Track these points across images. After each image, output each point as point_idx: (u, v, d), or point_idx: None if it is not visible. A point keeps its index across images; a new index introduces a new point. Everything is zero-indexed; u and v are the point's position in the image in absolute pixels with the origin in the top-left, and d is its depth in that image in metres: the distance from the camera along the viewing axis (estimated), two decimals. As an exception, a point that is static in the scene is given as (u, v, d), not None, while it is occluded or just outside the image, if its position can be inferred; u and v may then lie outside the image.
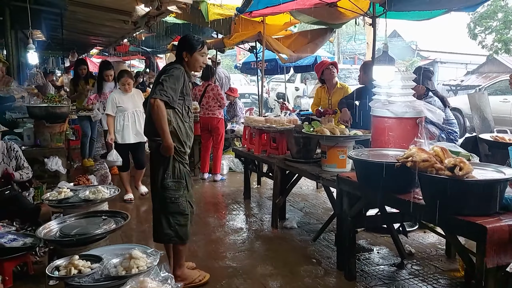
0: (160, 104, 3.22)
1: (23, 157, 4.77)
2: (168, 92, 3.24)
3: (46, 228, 3.54)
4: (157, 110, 3.22)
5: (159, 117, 3.24)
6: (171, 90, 3.27)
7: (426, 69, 5.15)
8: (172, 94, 3.27)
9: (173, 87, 3.28)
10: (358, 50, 29.31)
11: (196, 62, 3.49)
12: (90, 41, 16.40)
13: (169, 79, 3.30)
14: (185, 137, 3.47)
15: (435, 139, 4.52)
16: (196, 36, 3.57)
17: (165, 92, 3.23)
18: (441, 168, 2.59)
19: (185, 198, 3.46)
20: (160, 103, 3.22)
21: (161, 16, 7.50)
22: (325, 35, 8.07)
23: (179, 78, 3.34)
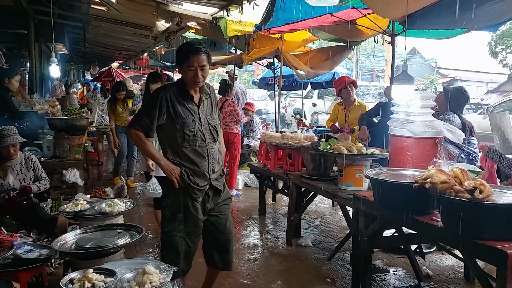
0: (135, 133, 2.99)
1: (41, 168, 4.83)
2: (141, 121, 2.98)
3: (62, 240, 3.56)
4: (135, 140, 3.05)
5: (140, 146, 3.09)
6: (146, 117, 2.97)
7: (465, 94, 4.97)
8: (147, 121, 2.96)
9: (149, 115, 2.96)
10: (377, 66, 29.25)
11: (186, 77, 3.00)
12: (111, 55, 16.67)
13: (145, 105, 3.10)
14: (190, 163, 3.03)
15: (455, 159, 4.45)
16: (190, 44, 3.06)
17: (138, 120, 2.99)
18: (460, 190, 2.53)
19: (179, 234, 3.05)
20: (136, 132, 2.98)
21: (181, 31, 7.61)
22: (343, 52, 8.08)
23: (156, 104, 2.95)
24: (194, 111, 3.04)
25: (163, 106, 2.95)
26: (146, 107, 3.04)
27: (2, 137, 4.42)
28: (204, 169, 3.06)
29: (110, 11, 6.99)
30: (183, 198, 3.04)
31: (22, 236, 3.91)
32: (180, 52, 3.01)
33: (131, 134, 3.03)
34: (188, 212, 3.05)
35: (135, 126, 2.98)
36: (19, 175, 4.57)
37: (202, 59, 2.94)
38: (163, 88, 3.11)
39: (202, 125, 3.06)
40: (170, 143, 3.04)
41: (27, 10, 7.37)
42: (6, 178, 4.48)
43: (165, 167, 3.00)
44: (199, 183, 3.04)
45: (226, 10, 5.71)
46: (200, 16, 6.21)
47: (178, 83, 3.12)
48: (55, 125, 5.82)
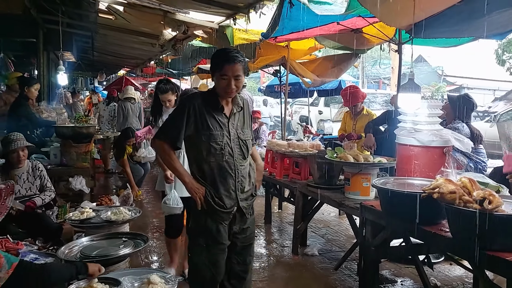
0: (160, 144, 2.81)
1: (47, 177, 4.83)
2: (167, 131, 2.80)
3: (67, 249, 3.57)
4: (160, 152, 2.87)
5: (164, 158, 2.86)
6: (173, 128, 2.77)
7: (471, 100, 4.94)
8: (174, 133, 2.76)
9: (176, 125, 2.77)
10: (383, 74, 29.20)
11: (218, 87, 2.79)
12: (119, 63, 16.77)
13: (172, 117, 2.85)
14: (213, 181, 2.78)
15: (463, 168, 4.41)
16: (227, 51, 2.83)
17: (164, 131, 2.83)
18: (469, 201, 2.50)
19: (203, 260, 2.78)
20: (161, 144, 2.80)
21: (188, 39, 7.64)
22: (349, 60, 8.06)
23: (183, 114, 2.76)
24: (223, 123, 2.81)
25: (191, 115, 2.75)
26: (172, 117, 2.83)
27: (9, 141, 4.46)
28: (231, 188, 2.80)
29: (118, 20, 7.04)
30: (206, 221, 2.78)
31: (28, 244, 3.93)
32: (215, 59, 2.81)
33: (156, 145, 2.86)
34: (211, 237, 2.78)
35: (161, 137, 2.81)
36: (25, 183, 4.58)
37: (237, 69, 2.72)
38: (192, 96, 2.91)
39: (231, 139, 2.81)
40: (195, 156, 2.82)
41: (36, 19, 7.43)
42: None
43: (189, 185, 2.75)
44: (225, 204, 2.77)
45: (233, 18, 5.73)
46: (207, 24, 6.23)
47: (210, 92, 2.91)
48: (62, 133, 5.85)
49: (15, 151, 4.47)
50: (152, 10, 5.92)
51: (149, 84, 22.07)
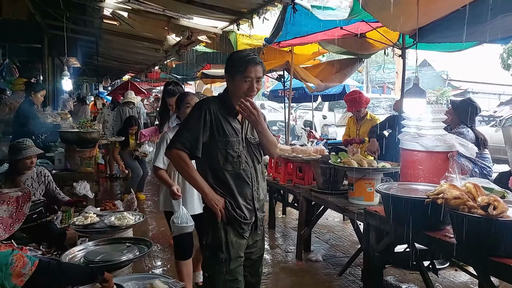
0: (177, 154, 2.58)
1: (54, 183, 4.83)
2: (183, 138, 2.58)
3: (71, 254, 3.54)
4: (177, 162, 2.62)
5: (182, 169, 2.63)
6: (190, 135, 2.58)
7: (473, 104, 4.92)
8: (191, 139, 2.58)
9: (192, 131, 2.59)
10: (387, 79, 29.17)
11: (237, 90, 2.62)
12: (123, 68, 16.85)
13: (187, 122, 2.67)
14: (231, 191, 2.63)
15: (468, 173, 4.38)
16: (246, 52, 2.73)
17: (180, 138, 2.59)
18: (473, 206, 2.49)
19: (223, 277, 2.60)
20: (178, 153, 2.57)
21: (192, 45, 7.68)
22: (353, 65, 8.06)
23: (200, 119, 2.59)
24: (238, 129, 2.68)
25: (207, 120, 2.60)
26: (188, 123, 2.64)
27: (18, 150, 4.43)
28: (248, 197, 2.67)
29: (122, 25, 7.07)
30: (226, 234, 2.62)
31: (32, 249, 3.91)
32: (235, 60, 2.65)
33: (172, 155, 2.60)
34: (232, 251, 2.62)
35: (177, 146, 2.57)
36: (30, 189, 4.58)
37: (259, 70, 2.61)
38: (206, 100, 2.76)
39: (246, 146, 2.69)
40: (211, 165, 2.63)
41: (41, 24, 7.49)
42: None
43: (209, 197, 2.57)
44: (245, 215, 2.65)
45: (236, 24, 5.75)
46: (210, 30, 6.26)
47: (223, 96, 2.76)
48: (66, 138, 5.86)
49: (29, 157, 4.46)
50: (156, 15, 5.96)
51: (153, 89, 22.15)
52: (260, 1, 4.74)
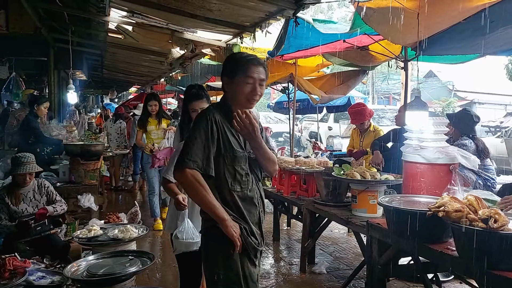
0: (192, 175, 2.19)
1: (54, 192, 4.84)
2: (194, 155, 2.21)
3: (74, 267, 3.56)
4: (190, 184, 2.21)
5: (198, 192, 2.21)
6: (200, 151, 2.22)
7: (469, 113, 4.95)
8: (202, 156, 2.22)
9: (202, 147, 2.23)
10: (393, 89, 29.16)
11: (239, 93, 2.33)
12: (129, 80, 16.98)
13: (192, 136, 2.27)
14: (241, 214, 2.32)
15: (470, 186, 4.36)
16: (245, 53, 2.48)
17: (191, 156, 2.20)
18: (474, 219, 2.48)
19: None
20: (192, 173, 2.19)
21: (196, 58, 7.74)
22: (357, 77, 8.09)
23: (206, 129, 2.25)
24: (242, 143, 2.37)
25: (214, 133, 2.27)
26: (195, 136, 2.25)
27: (19, 164, 4.46)
28: (255, 221, 2.39)
29: (127, 39, 7.15)
30: (243, 267, 2.31)
31: (35, 262, 3.94)
32: (235, 61, 2.39)
33: (185, 177, 2.19)
34: (251, 285, 2.33)
35: (189, 164, 2.19)
36: (32, 201, 4.61)
37: (262, 72, 2.34)
38: (209, 108, 2.42)
39: (252, 161, 2.40)
40: (218, 185, 2.29)
41: (47, 38, 7.59)
42: (19, 205, 4.51)
43: (229, 224, 2.22)
44: (258, 241, 2.38)
45: (240, 37, 5.80)
46: (214, 43, 6.32)
47: (222, 104, 2.43)
48: (70, 151, 5.91)
49: (23, 174, 4.50)
50: (160, 29, 6.03)
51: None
52: (262, 15, 4.79)
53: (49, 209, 4.58)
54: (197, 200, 2.28)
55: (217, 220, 2.23)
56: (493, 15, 3.66)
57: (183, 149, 2.27)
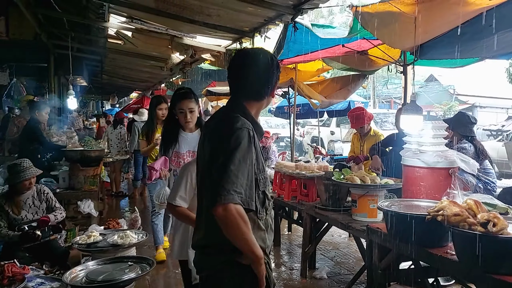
0: (238, 211, 1.78)
1: (54, 198, 4.84)
2: (239, 185, 1.80)
3: (73, 273, 3.54)
4: (235, 222, 1.78)
5: (237, 229, 1.80)
6: (243, 178, 1.82)
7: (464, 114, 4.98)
8: (245, 185, 1.83)
9: (245, 173, 1.84)
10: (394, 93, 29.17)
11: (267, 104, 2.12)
12: (129, 86, 17.02)
13: (233, 157, 1.82)
14: (265, 245, 1.99)
15: (471, 189, 4.35)
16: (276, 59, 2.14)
17: (236, 186, 1.79)
18: (473, 223, 2.47)
19: None
20: (237, 209, 1.78)
21: (196, 63, 7.75)
22: (357, 81, 8.09)
23: (249, 149, 1.88)
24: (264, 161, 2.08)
25: (253, 153, 1.91)
26: (237, 158, 1.83)
27: (17, 172, 4.44)
28: (269, 250, 2.08)
29: (126, 44, 7.17)
30: None
31: (34, 269, 3.93)
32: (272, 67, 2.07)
33: (229, 214, 1.77)
34: None
35: (235, 198, 1.78)
36: (31, 208, 4.60)
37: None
38: (245, 121, 1.95)
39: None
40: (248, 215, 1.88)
41: (47, 44, 7.62)
42: (20, 213, 4.50)
43: (262, 262, 1.89)
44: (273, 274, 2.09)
45: (239, 42, 5.81)
46: (214, 48, 6.33)
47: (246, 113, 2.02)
48: (70, 157, 5.90)
49: (28, 179, 4.49)
50: (159, 34, 6.05)
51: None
52: (261, 20, 4.81)
53: (50, 217, 4.57)
54: (235, 238, 1.83)
55: (253, 258, 1.86)
56: (492, 19, 3.66)
57: (222, 174, 1.80)
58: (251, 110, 2.05)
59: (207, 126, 2.18)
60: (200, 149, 2.12)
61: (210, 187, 1.86)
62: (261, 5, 4.20)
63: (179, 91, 3.48)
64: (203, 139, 2.09)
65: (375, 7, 3.61)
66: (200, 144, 2.13)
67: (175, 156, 3.84)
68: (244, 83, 2.05)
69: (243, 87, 2.07)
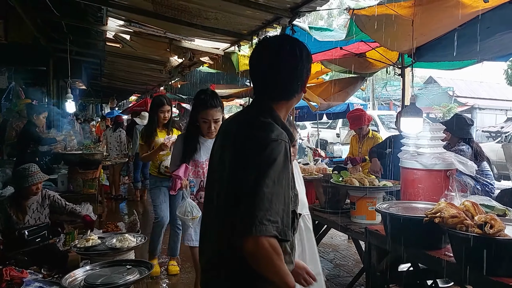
0: (271, 244, 1.51)
1: (61, 199, 4.78)
2: (275, 214, 1.52)
3: (71, 277, 3.54)
4: (266, 256, 1.51)
5: (271, 264, 1.54)
6: (279, 204, 1.54)
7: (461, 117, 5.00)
8: (283, 213, 1.55)
9: (281, 198, 1.55)
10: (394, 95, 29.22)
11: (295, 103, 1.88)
12: (129, 88, 17.03)
13: (269, 179, 1.53)
14: (292, 266, 1.77)
15: (467, 191, 4.35)
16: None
17: (269, 214, 1.50)
18: (470, 225, 2.47)
19: None
20: (271, 242, 1.51)
21: (195, 66, 7.77)
22: (356, 83, 8.09)
23: (287, 169, 1.60)
24: None
25: (289, 172, 1.65)
26: (272, 180, 1.53)
27: (24, 177, 4.41)
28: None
29: (125, 47, 7.18)
30: None
31: (33, 273, 3.92)
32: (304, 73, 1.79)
33: (260, 249, 1.50)
34: None
35: (268, 230, 1.49)
36: (35, 213, 4.60)
37: None
38: (283, 134, 1.65)
39: None
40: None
41: (46, 48, 7.63)
42: (24, 218, 4.49)
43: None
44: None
45: (237, 45, 5.82)
46: (212, 51, 6.34)
47: (277, 116, 1.74)
48: (69, 160, 5.90)
49: (35, 184, 4.48)
50: (157, 38, 6.05)
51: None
52: (259, 23, 4.82)
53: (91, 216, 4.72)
54: (266, 272, 1.57)
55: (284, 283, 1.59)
56: (489, 21, 3.67)
57: (254, 198, 1.51)
58: (280, 112, 1.76)
59: (227, 132, 1.81)
60: (216, 157, 1.82)
61: (237, 212, 1.55)
62: (258, 8, 4.21)
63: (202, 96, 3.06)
64: (222, 146, 1.77)
65: (372, 9, 3.62)
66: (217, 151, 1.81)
67: (192, 165, 3.58)
68: (271, 82, 1.75)
69: (269, 86, 1.76)
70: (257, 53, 1.82)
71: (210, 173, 1.88)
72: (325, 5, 4.01)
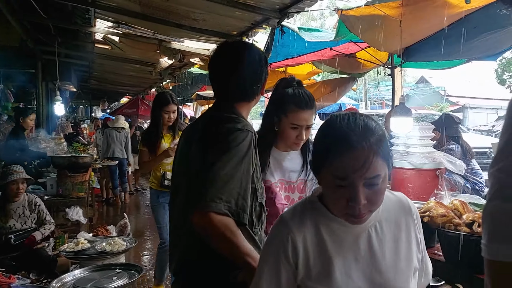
0: (217, 221, 1.52)
1: (45, 211, 4.79)
2: (226, 193, 1.55)
3: (60, 282, 3.50)
4: (219, 232, 1.53)
5: (226, 241, 1.53)
6: (236, 187, 1.58)
7: (449, 116, 5.06)
8: (238, 196, 1.58)
9: (238, 180, 1.59)
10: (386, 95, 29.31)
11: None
12: (119, 91, 16.95)
13: (229, 161, 1.59)
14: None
15: (458, 190, 4.38)
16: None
17: (221, 193, 1.54)
18: (459, 224, 2.47)
19: None
20: (217, 218, 1.52)
21: (185, 67, 7.73)
22: (347, 84, 8.09)
23: (249, 154, 1.64)
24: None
25: (252, 158, 1.72)
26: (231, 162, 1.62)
27: (10, 174, 4.45)
28: None
29: (114, 49, 7.13)
30: None
31: (21, 278, 3.88)
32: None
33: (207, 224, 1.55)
34: None
35: (218, 207, 1.55)
36: (21, 217, 4.55)
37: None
38: (248, 124, 1.77)
39: None
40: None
41: (34, 50, 7.56)
42: (8, 221, 4.45)
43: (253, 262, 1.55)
44: None
45: (227, 46, 5.77)
46: (202, 52, 6.31)
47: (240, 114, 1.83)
48: (58, 163, 5.85)
49: (15, 182, 4.45)
50: (146, 39, 6.01)
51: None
52: (248, 24, 4.80)
53: (37, 236, 4.53)
54: (222, 249, 1.56)
55: (254, 266, 1.46)
56: (476, 21, 3.69)
57: (209, 177, 1.55)
58: (242, 112, 1.82)
59: (193, 128, 1.90)
60: (179, 154, 1.90)
61: (191, 190, 1.63)
62: (246, 9, 4.19)
63: (290, 91, 2.31)
64: (187, 141, 1.85)
65: (360, 10, 3.62)
66: (182, 148, 1.89)
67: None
68: (232, 85, 1.81)
69: (231, 89, 1.82)
70: (218, 59, 1.89)
71: (175, 175, 1.94)
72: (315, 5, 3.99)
